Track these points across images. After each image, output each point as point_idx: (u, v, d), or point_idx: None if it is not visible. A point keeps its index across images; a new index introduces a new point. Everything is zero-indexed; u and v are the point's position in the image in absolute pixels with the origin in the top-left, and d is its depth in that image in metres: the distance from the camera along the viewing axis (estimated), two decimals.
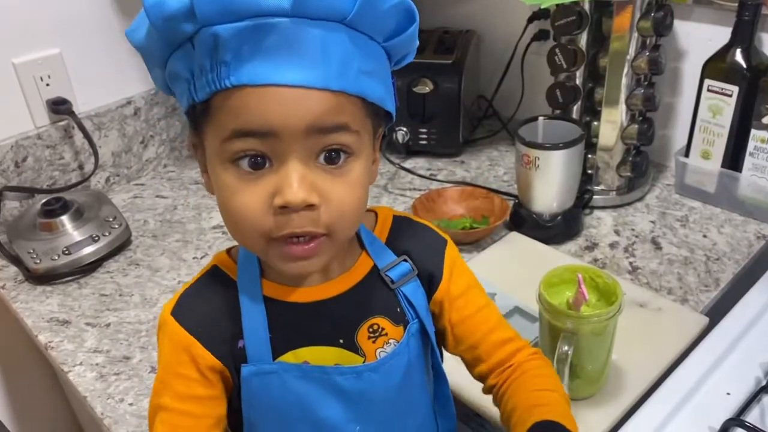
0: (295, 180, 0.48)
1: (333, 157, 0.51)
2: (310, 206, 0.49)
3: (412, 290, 0.61)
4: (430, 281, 0.63)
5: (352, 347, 0.59)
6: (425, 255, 0.63)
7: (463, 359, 0.65)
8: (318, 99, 0.48)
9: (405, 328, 0.60)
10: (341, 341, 0.58)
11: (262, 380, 0.57)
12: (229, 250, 0.62)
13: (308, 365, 0.57)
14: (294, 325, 0.58)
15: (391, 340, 0.60)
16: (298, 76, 0.47)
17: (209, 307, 0.58)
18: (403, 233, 0.63)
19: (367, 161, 0.54)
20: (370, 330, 0.59)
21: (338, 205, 0.51)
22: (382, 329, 0.60)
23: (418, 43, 0.56)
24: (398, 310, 0.61)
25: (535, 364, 0.63)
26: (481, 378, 0.65)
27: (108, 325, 0.95)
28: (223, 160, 0.50)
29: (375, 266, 0.61)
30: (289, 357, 0.57)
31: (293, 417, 0.58)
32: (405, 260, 0.61)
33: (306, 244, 0.51)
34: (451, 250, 0.64)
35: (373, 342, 0.59)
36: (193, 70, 0.49)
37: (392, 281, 0.60)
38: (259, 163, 0.49)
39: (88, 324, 0.95)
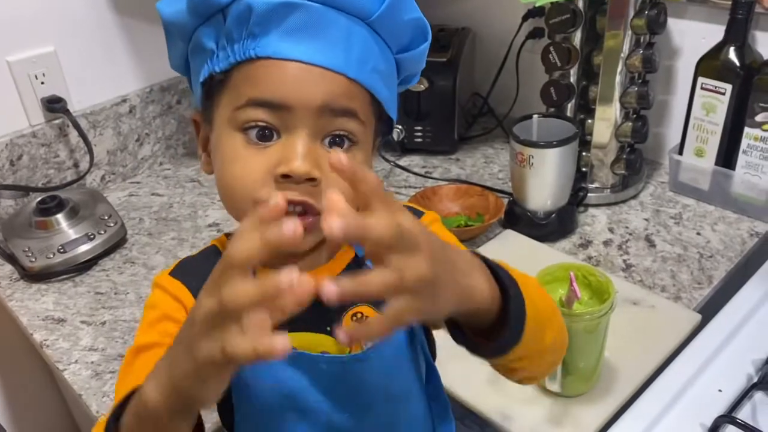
0: (301, 151, 0.51)
1: (338, 142, 0.53)
2: (311, 180, 0.51)
3: None
4: None
5: None
6: None
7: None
8: (334, 81, 0.51)
9: None
10: (328, 329, 0.59)
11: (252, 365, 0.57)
12: (228, 234, 0.64)
13: (296, 351, 0.57)
14: None
15: None
16: (321, 57, 0.50)
17: (205, 275, 0.57)
18: None
19: (367, 156, 0.56)
20: (354, 318, 0.60)
21: (339, 186, 0.51)
22: (366, 317, 0.60)
23: (425, 65, 0.59)
24: None
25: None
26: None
27: (103, 323, 0.95)
28: (233, 128, 0.53)
29: (357, 255, 0.62)
30: None
31: (281, 405, 0.58)
32: None
33: (300, 216, 0.52)
34: (429, 217, 0.64)
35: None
36: (219, 41, 0.52)
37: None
38: (266, 135, 0.52)
39: (83, 322, 0.95)
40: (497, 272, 0.49)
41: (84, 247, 1.06)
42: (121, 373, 0.57)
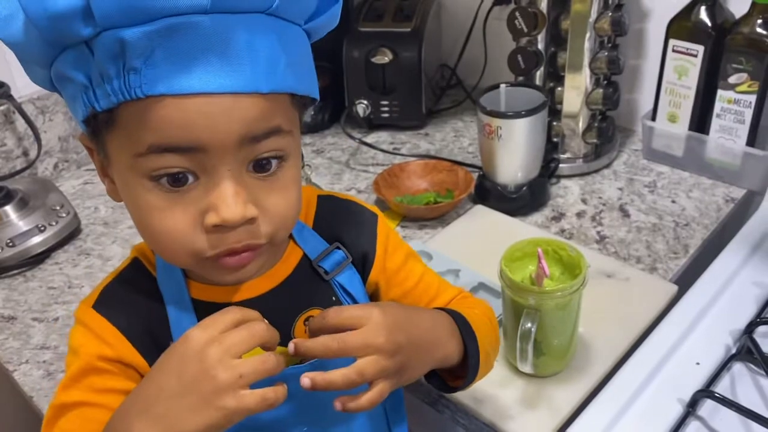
0: (231, 196, 0.44)
1: (264, 164, 0.46)
2: (249, 220, 0.46)
3: (348, 278, 0.58)
4: (364, 262, 0.60)
5: None
6: (357, 235, 0.60)
7: None
8: (249, 105, 0.43)
9: None
10: None
11: None
12: None
13: None
14: None
15: None
16: (226, 82, 0.42)
17: (134, 304, 0.53)
18: (331, 215, 0.60)
19: (298, 157, 0.50)
20: (306, 323, 0.56)
21: (277, 214, 0.48)
22: None
23: (338, 19, 0.51)
24: (333, 299, 0.58)
25: (466, 301, 0.64)
26: None
27: (56, 319, 0.90)
28: (138, 175, 0.45)
29: (305, 256, 0.57)
30: None
31: (236, 425, 0.54)
32: (338, 248, 0.58)
33: (242, 253, 0.48)
34: (382, 225, 0.61)
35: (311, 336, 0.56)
36: (92, 76, 0.42)
37: (326, 272, 0.57)
38: (181, 179, 0.44)
39: (34, 319, 0.90)
40: (459, 327, 0.57)
41: (35, 240, 1.01)
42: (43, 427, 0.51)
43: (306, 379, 0.46)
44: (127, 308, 0.53)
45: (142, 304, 0.53)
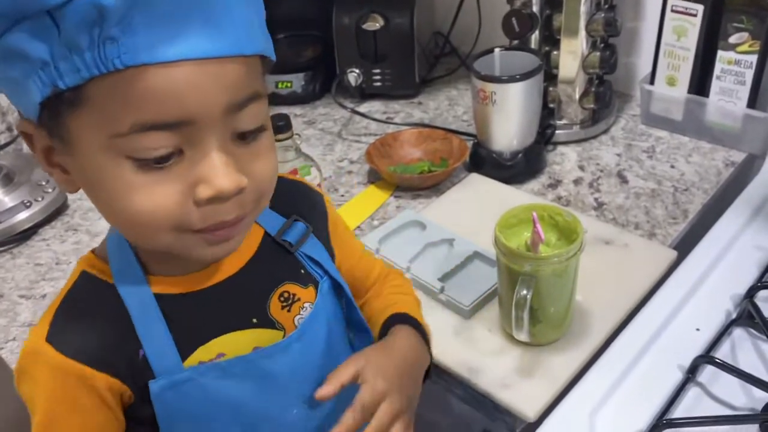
0: (222, 166, 0.42)
1: (249, 136, 0.45)
2: (239, 190, 0.44)
3: (312, 247, 0.57)
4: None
5: (268, 323, 0.53)
6: (310, 213, 0.60)
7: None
8: (233, 70, 0.41)
9: (316, 288, 0.57)
10: (254, 320, 0.53)
11: (177, 392, 0.49)
12: (93, 251, 0.53)
13: (227, 361, 0.51)
14: (196, 318, 0.51)
15: (306, 304, 0.56)
16: (212, 46, 0.39)
17: (91, 324, 0.49)
18: (283, 194, 0.56)
19: (270, 122, 0.48)
20: (282, 299, 0.54)
21: (261, 181, 0.46)
22: (293, 295, 0.55)
23: None
24: (302, 271, 0.56)
25: (389, 278, 0.67)
26: None
27: (44, 296, 0.88)
28: (115, 155, 0.41)
29: (266, 233, 0.56)
30: (201, 354, 0.50)
31: (222, 422, 0.52)
32: (297, 219, 0.57)
33: (232, 225, 0.46)
34: (329, 204, 0.63)
35: (288, 311, 0.55)
36: (55, 51, 0.38)
37: (291, 244, 0.56)
38: (167, 156, 0.41)
39: (21, 296, 0.89)
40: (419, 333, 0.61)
41: (21, 216, 0.99)
42: None
43: None
44: (82, 331, 0.49)
45: (100, 320, 0.49)
